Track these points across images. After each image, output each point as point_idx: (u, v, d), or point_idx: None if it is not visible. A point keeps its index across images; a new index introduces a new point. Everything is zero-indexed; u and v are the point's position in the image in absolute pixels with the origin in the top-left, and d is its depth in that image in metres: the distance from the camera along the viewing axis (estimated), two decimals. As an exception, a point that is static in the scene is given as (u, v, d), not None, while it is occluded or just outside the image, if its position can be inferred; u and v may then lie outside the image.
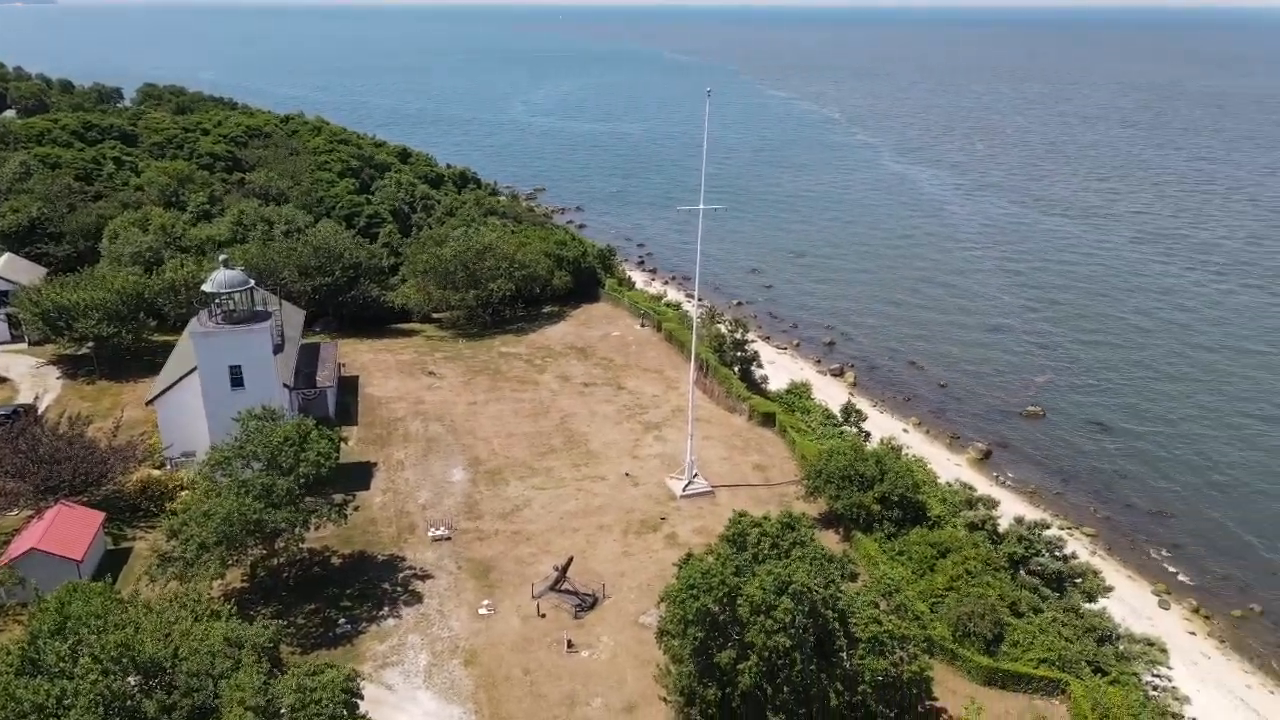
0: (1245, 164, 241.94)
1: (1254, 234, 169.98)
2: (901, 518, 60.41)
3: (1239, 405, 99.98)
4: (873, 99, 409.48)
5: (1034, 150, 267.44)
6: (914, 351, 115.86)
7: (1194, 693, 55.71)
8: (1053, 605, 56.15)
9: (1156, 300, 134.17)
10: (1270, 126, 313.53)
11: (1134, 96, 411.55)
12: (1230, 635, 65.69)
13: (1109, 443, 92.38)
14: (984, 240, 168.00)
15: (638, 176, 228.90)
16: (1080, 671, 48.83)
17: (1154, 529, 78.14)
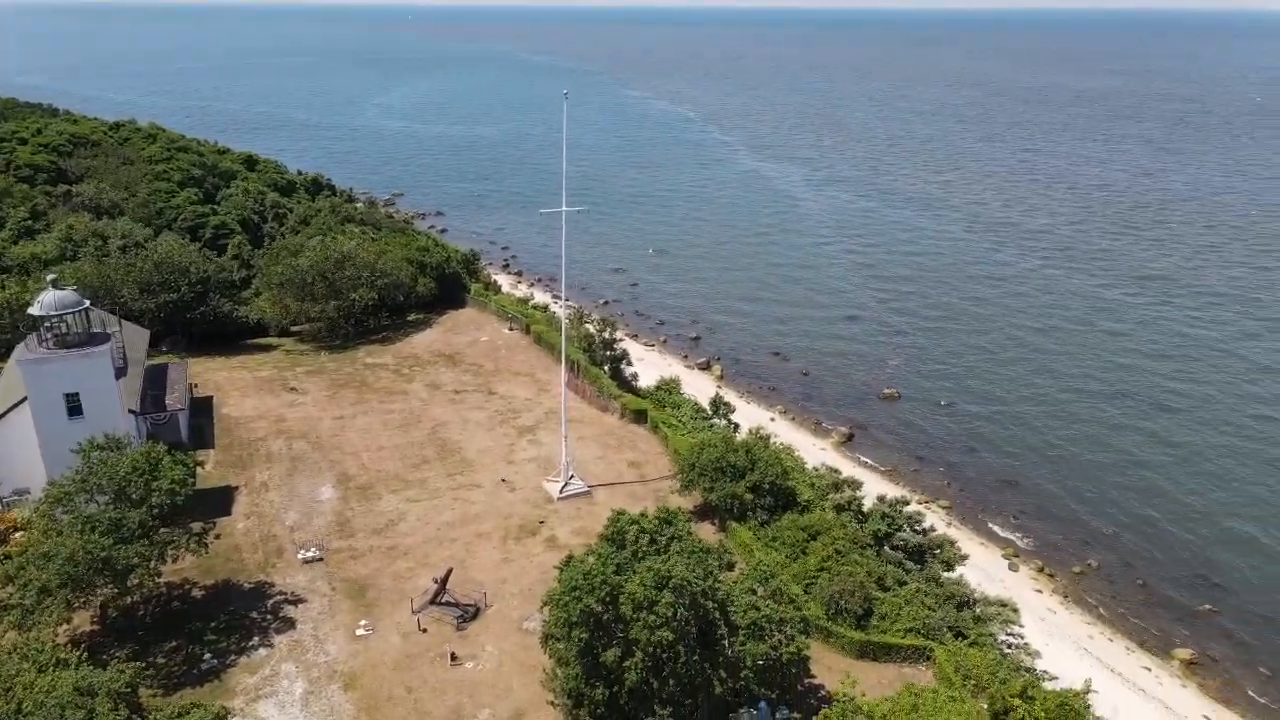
0: (1065, 155, 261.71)
1: (1074, 220, 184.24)
2: (773, 505, 62.47)
3: (1068, 381, 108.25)
4: (727, 97, 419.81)
5: (877, 145, 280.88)
6: (776, 342, 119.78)
7: (1043, 646, 60.07)
8: (916, 577, 59.42)
9: (992, 286, 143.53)
10: (1084, 120, 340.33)
11: (964, 93, 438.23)
12: (1071, 590, 71.22)
13: (957, 420, 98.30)
14: (835, 232, 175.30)
15: (498, 179, 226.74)
16: (943, 637, 51.89)
17: (1000, 498, 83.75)
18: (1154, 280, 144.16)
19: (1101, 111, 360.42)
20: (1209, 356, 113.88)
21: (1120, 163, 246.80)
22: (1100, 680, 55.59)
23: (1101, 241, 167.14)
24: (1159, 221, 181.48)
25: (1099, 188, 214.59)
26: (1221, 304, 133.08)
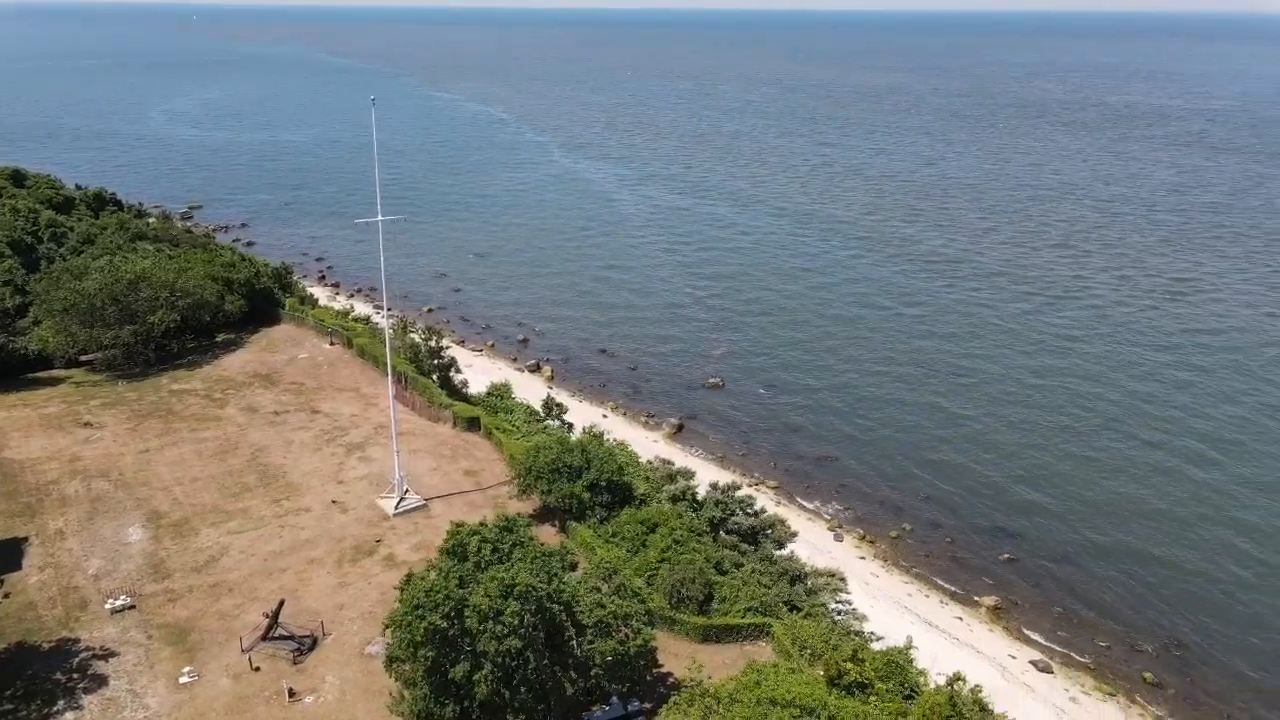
0: (857, 148, 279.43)
1: (869, 209, 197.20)
2: (611, 501, 63.48)
3: (875, 361, 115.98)
4: (539, 98, 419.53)
5: (687, 142, 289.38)
6: (603, 340, 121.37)
7: (869, 609, 64.31)
8: (751, 558, 62.10)
9: (802, 274, 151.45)
10: (872, 114, 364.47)
11: (764, 91, 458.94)
12: (890, 554, 76.58)
13: (778, 404, 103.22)
14: (652, 229, 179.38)
15: (308, 187, 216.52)
16: (779, 612, 54.58)
17: (822, 474, 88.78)
18: (941, 263, 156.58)
19: (887, 107, 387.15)
20: (991, 333, 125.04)
21: (905, 154, 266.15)
22: (920, 634, 60.23)
23: (894, 228, 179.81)
24: (942, 208, 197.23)
25: (888, 178, 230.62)
26: (999, 283, 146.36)
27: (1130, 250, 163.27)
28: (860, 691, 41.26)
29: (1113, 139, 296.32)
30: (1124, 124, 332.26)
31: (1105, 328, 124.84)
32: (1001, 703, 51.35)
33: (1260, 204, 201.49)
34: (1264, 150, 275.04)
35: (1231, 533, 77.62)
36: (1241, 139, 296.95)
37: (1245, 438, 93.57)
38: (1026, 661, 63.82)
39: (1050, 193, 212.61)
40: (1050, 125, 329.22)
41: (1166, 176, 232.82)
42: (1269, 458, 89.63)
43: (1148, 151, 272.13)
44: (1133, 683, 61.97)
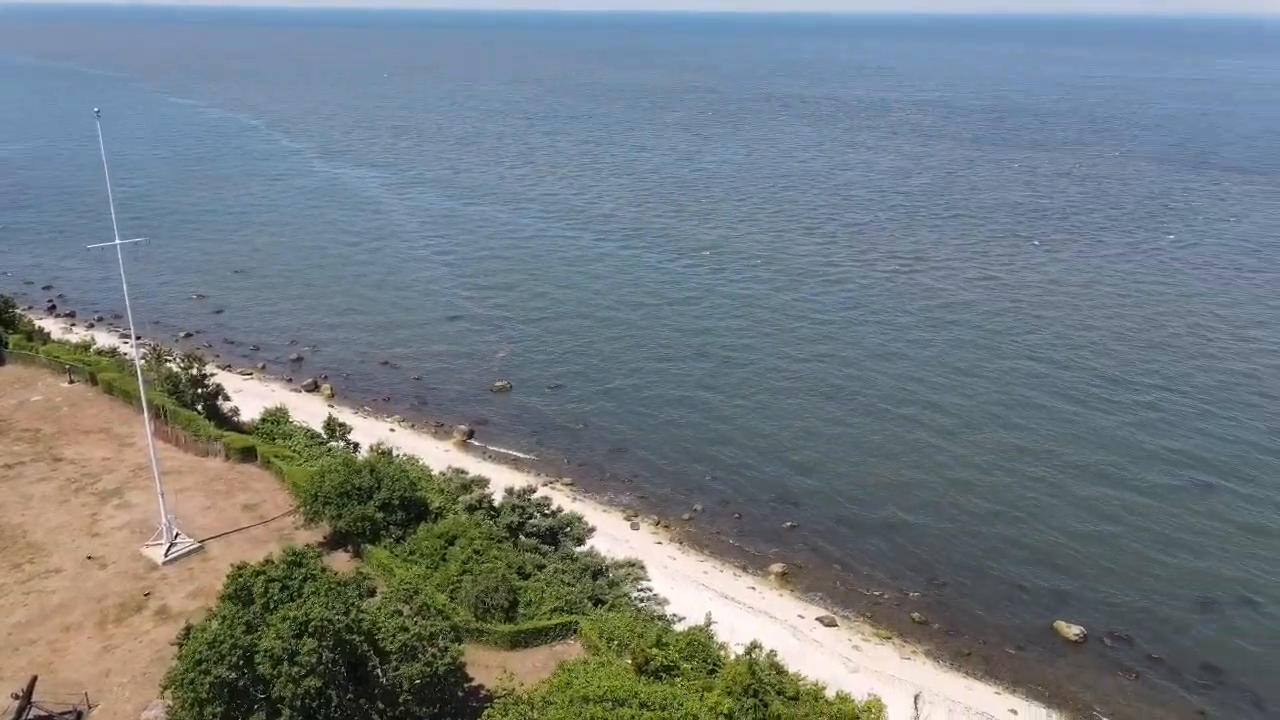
0: (619, 144, 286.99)
1: (635, 202, 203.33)
2: (406, 519, 61.76)
3: (655, 350, 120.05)
4: (291, 103, 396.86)
5: (452, 144, 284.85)
6: (383, 352, 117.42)
7: (670, 591, 66.75)
8: (552, 558, 62.62)
9: (578, 271, 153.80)
10: (633, 111, 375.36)
11: (527, 90, 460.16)
12: (685, 535, 79.77)
13: (566, 400, 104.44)
14: (425, 235, 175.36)
15: (27, 209, 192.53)
16: (585, 609, 55.50)
17: (615, 465, 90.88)
18: (707, 253, 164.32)
19: (646, 104, 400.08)
20: (759, 318, 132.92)
21: (665, 149, 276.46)
22: (718, 609, 63.31)
23: (662, 222, 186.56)
24: (704, 200, 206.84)
25: (652, 173, 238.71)
26: (760, 269, 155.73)
27: (869, 231, 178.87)
28: (668, 674, 42.92)
29: (845, 129, 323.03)
30: (854, 116, 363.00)
31: (854, 306, 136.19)
32: (795, 661, 55.06)
33: (971, 184, 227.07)
34: (968, 135, 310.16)
35: (966, 484, 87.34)
36: (950, 126, 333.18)
37: (973, 402, 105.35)
38: (814, 619, 68.73)
39: (798, 181, 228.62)
40: (792, 118, 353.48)
41: (892, 162, 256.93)
42: (993, 418, 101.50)
43: (875, 140, 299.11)
44: (904, 624, 68.40)
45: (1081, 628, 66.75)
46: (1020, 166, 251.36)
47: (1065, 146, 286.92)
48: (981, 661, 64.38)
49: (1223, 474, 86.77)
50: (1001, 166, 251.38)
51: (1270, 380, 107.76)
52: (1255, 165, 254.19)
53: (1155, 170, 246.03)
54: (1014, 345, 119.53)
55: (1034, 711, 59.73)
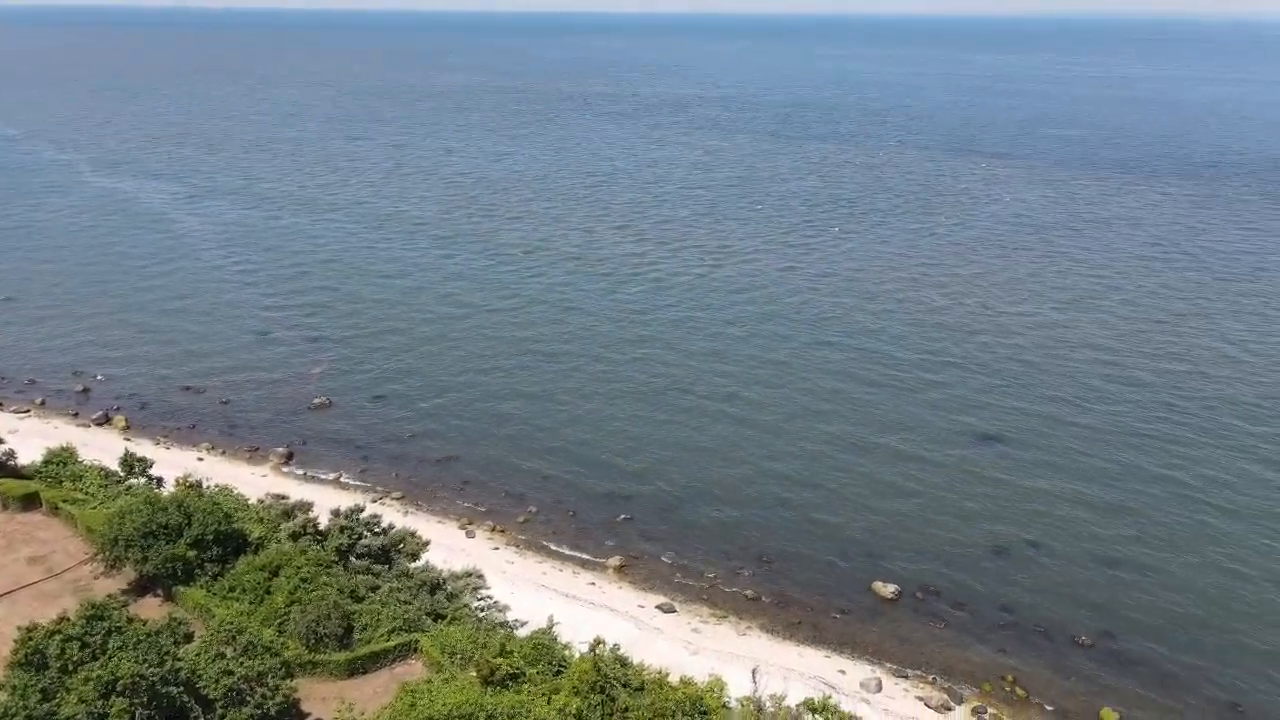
0: (425, 147, 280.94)
1: (447, 205, 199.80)
2: (223, 554, 58.07)
3: (478, 352, 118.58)
4: (56, 109, 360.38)
5: (245, 151, 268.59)
6: (185, 376, 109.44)
7: (510, 597, 66.35)
8: (386, 578, 60.75)
9: (394, 277, 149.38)
10: (436, 113, 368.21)
11: (323, 93, 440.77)
12: (522, 538, 79.50)
13: (392, 412, 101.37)
14: (223, 249, 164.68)
15: None
16: (425, 625, 54.30)
17: (446, 474, 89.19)
18: (523, 254, 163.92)
19: (450, 105, 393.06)
20: (578, 315, 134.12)
21: (474, 151, 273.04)
22: (560, 609, 63.70)
23: (476, 224, 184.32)
24: (517, 201, 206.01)
25: (462, 175, 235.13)
26: (577, 267, 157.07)
27: (678, 226, 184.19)
28: (514, 682, 42.83)
29: (648, 126, 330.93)
30: (656, 113, 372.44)
31: (668, 301, 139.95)
32: (639, 651, 56.30)
33: (769, 175, 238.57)
34: (762, 130, 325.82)
35: (782, 465, 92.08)
36: (745, 122, 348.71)
37: (782, 388, 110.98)
38: (654, 608, 70.42)
39: (606, 179, 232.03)
40: (597, 117, 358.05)
41: (695, 157, 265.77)
42: (800, 401, 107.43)
43: (676, 136, 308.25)
44: (738, 603, 71.32)
45: (896, 586, 72.01)
46: (812, 158, 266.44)
47: (849, 138, 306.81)
48: (810, 629, 68.19)
49: (1005, 438, 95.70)
50: (795, 159, 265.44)
51: (1039, 351, 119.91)
52: (1010, 151, 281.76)
53: (927, 158, 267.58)
54: (815, 331, 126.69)
55: (860, 668, 63.95)
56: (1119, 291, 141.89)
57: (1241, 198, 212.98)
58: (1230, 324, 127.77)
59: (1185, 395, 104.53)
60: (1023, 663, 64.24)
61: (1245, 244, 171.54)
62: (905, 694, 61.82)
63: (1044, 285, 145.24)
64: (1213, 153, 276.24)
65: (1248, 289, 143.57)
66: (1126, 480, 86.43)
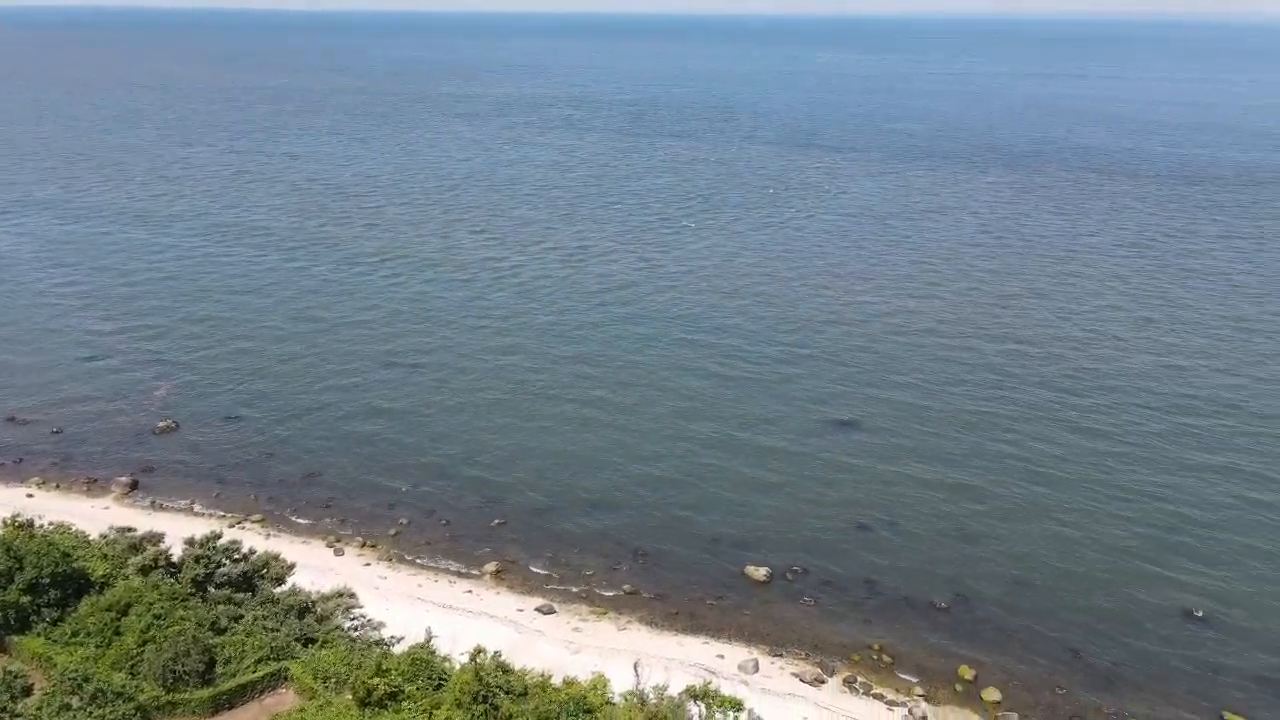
0: (267, 152, 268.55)
1: (297, 213, 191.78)
2: (62, 596, 53.81)
3: (338, 363, 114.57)
4: None
5: (64, 160, 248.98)
6: (9, 408, 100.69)
7: (385, 614, 64.53)
8: (250, 606, 57.89)
9: (241, 290, 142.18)
10: (277, 116, 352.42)
11: (154, 97, 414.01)
12: (394, 552, 77.50)
13: (246, 431, 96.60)
14: (42, 266, 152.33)
15: None
16: (295, 652, 52.11)
17: (309, 492, 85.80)
18: (381, 260, 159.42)
19: (290, 109, 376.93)
20: (440, 321, 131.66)
21: (320, 156, 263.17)
22: (438, 621, 62.40)
23: (328, 232, 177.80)
24: (369, 206, 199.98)
25: (311, 181, 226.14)
26: (437, 272, 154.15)
27: (535, 226, 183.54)
28: (393, 701, 41.79)
29: (501, 127, 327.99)
30: (510, 113, 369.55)
31: (530, 301, 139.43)
32: (521, 656, 55.99)
33: (624, 173, 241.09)
34: (615, 128, 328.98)
35: (650, 458, 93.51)
36: (598, 120, 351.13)
37: (646, 382, 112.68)
38: (533, 610, 70.14)
39: (460, 180, 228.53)
40: (448, 118, 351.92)
41: (550, 156, 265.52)
42: (664, 394, 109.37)
43: (530, 135, 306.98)
44: (617, 598, 71.98)
45: (767, 568, 74.45)
46: (665, 155, 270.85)
47: (701, 135, 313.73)
48: (688, 618, 69.59)
49: (860, 424, 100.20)
50: (649, 156, 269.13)
51: (887, 338, 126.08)
52: (851, 144, 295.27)
53: (775, 153, 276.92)
54: (676, 329, 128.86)
55: (737, 651, 65.80)
56: (955, 277, 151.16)
57: (1057, 184, 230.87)
58: (1053, 303, 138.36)
59: (1017, 373, 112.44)
60: (887, 632, 67.72)
61: (1062, 227, 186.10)
62: (781, 672, 64.04)
63: (887, 274, 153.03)
64: (1032, 144, 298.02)
65: (1066, 269, 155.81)
66: (971, 458, 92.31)
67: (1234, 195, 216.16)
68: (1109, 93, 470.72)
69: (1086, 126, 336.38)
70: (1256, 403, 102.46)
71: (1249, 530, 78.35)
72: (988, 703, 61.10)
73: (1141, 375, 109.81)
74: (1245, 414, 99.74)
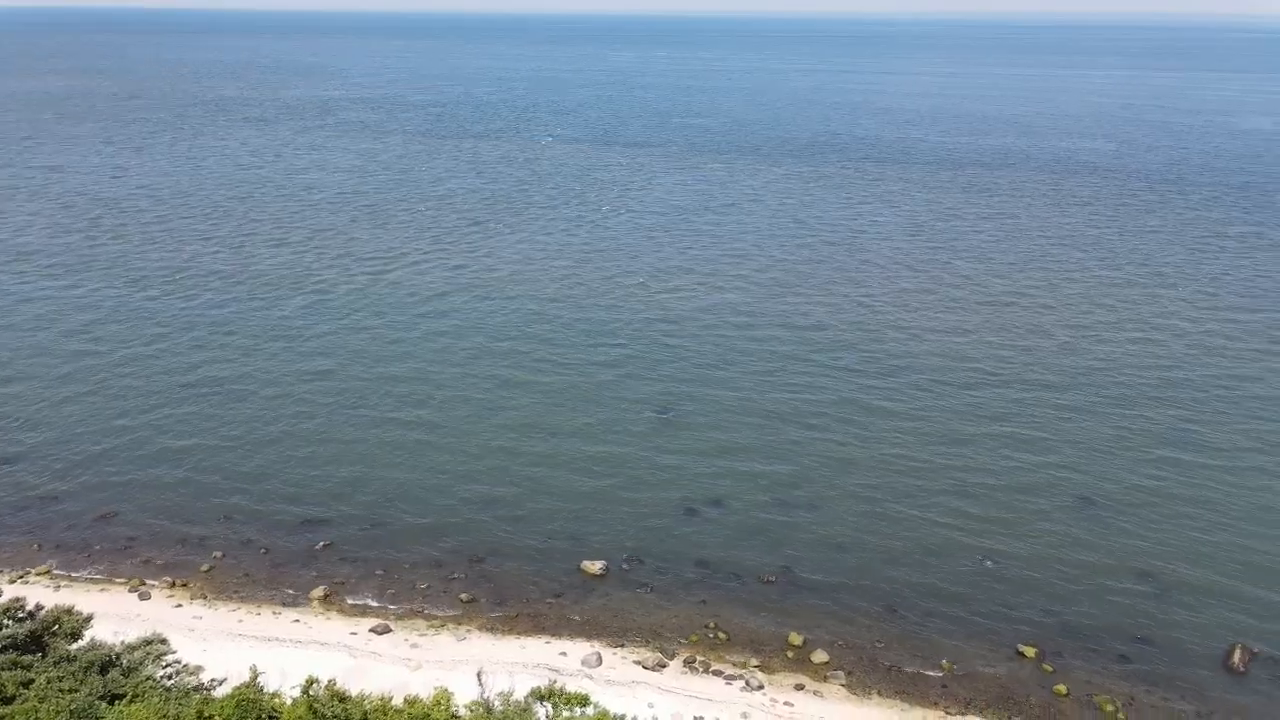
0: (22, 164, 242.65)
1: (61, 232, 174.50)
2: None
3: (131, 397, 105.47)
4: None
5: None
6: None
7: (203, 656, 60.43)
8: (42, 668, 52.44)
9: (2, 320, 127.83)
10: (30, 125, 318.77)
11: None
12: (209, 589, 72.59)
13: (22, 476, 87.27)
14: None
15: None
16: (100, 712, 47.75)
17: (106, 532, 78.84)
18: (163, 276, 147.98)
19: (49, 114, 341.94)
20: (240, 337, 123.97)
21: (87, 166, 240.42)
22: (263, 656, 59.20)
23: (102, 250, 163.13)
24: (149, 219, 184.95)
25: (74, 194, 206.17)
26: (231, 286, 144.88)
27: (340, 235, 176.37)
28: (222, 745, 39.23)
29: (294, 131, 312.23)
30: (301, 116, 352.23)
31: (337, 311, 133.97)
32: (358, 681, 54.05)
33: (430, 176, 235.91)
34: (416, 130, 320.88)
35: (469, 464, 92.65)
36: (397, 122, 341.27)
37: (462, 389, 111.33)
38: (367, 632, 67.77)
39: (254, 189, 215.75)
40: (235, 123, 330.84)
41: (349, 161, 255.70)
42: (474, 400, 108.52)
43: (326, 140, 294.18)
44: (455, 608, 70.81)
45: (603, 562, 75.58)
46: (468, 156, 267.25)
47: (503, 134, 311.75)
48: (529, 620, 69.53)
49: (678, 410, 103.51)
50: (452, 157, 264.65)
51: (694, 325, 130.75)
52: (649, 140, 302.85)
53: (577, 150, 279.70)
54: (489, 329, 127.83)
55: (580, 647, 66.47)
56: (758, 268, 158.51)
57: (840, 172, 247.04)
58: (846, 288, 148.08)
59: (811, 352, 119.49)
60: (721, 609, 70.54)
61: (845, 212, 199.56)
62: (624, 661, 65.31)
63: (695, 268, 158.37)
64: (813, 135, 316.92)
65: (856, 255, 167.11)
66: (785, 439, 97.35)
67: (992, 177, 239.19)
68: (882, 87, 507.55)
69: (864, 119, 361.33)
70: (1028, 373, 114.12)
71: (1027, 491, 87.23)
72: (816, 664, 64.97)
73: (929, 354, 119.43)
74: (1019, 384, 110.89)
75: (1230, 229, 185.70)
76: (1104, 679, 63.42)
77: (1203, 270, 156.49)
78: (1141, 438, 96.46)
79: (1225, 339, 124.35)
